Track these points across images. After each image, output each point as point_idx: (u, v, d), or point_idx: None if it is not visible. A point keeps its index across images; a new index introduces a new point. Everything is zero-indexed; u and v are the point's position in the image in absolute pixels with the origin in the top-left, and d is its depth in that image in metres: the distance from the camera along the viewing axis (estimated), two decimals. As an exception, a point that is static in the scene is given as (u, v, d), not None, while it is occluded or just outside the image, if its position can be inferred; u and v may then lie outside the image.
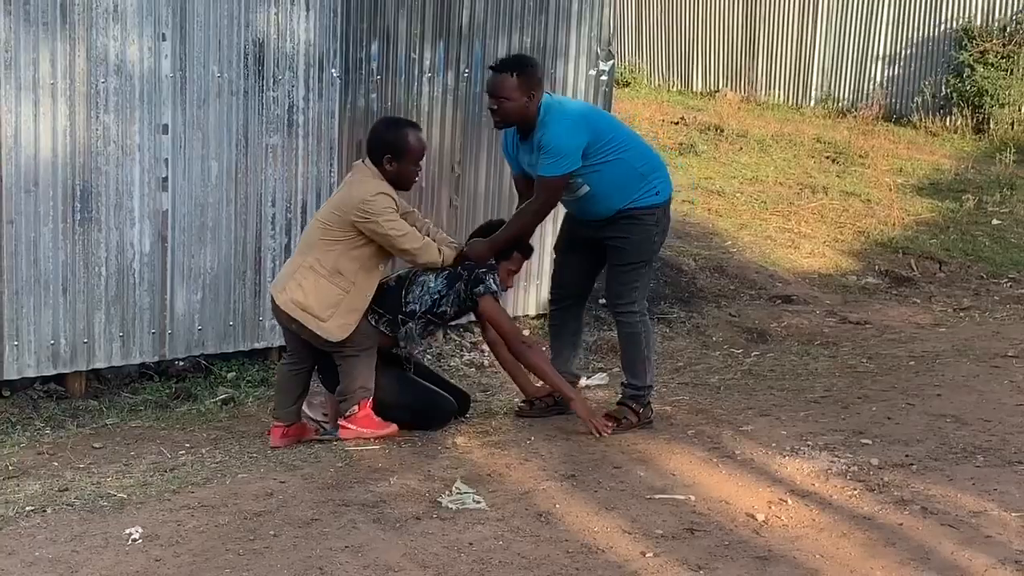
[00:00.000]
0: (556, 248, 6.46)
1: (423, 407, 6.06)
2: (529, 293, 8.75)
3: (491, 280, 5.95)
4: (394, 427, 5.89)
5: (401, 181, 5.82)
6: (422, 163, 5.90)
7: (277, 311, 5.86)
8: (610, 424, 5.98)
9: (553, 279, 6.46)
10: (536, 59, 6.21)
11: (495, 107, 5.76)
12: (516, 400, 6.57)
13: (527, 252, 6.26)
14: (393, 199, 5.74)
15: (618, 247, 6.01)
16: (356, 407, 5.82)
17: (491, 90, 5.76)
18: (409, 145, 5.78)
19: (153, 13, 6.73)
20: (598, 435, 5.88)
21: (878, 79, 18.36)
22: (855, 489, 5.28)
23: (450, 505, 4.98)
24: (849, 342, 8.56)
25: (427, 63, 7.89)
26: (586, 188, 5.88)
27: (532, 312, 8.79)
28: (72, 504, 4.98)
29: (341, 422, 5.87)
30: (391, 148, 5.74)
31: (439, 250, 5.88)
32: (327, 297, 5.69)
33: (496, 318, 6.01)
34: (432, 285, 5.93)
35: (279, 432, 5.96)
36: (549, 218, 6.41)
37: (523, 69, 5.72)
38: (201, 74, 6.95)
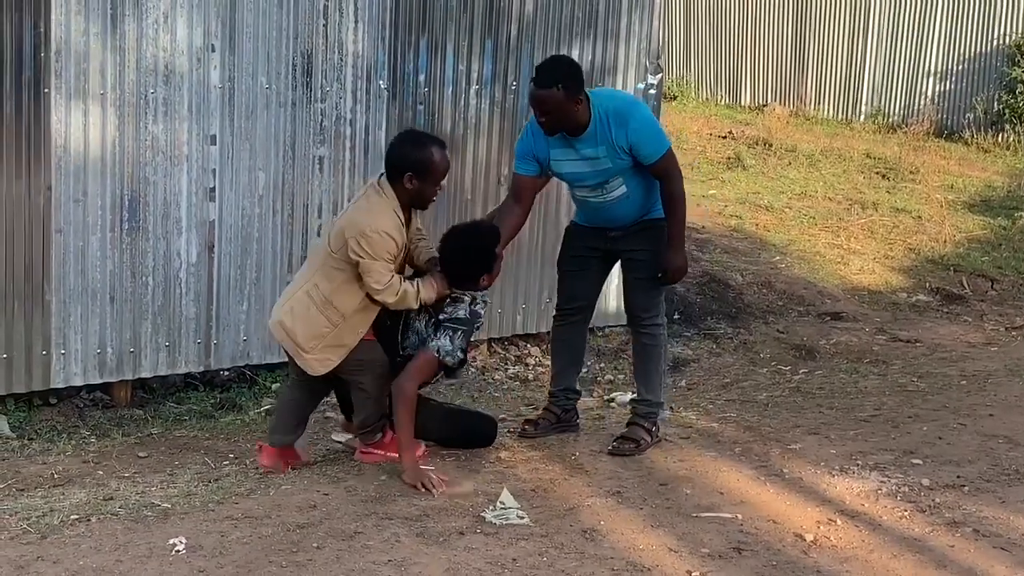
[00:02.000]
0: (561, 263, 6.22)
1: (466, 435, 5.95)
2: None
3: (452, 342, 5.45)
4: (423, 447, 5.68)
5: (420, 200, 5.45)
6: (444, 183, 5.53)
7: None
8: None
9: (561, 294, 6.25)
10: (574, 60, 6.01)
11: (543, 120, 5.62)
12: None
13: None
14: (396, 241, 5.32)
15: (642, 260, 5.87)
16: (380, 434, 5.63)
17: (538, 106, 5.59)
18: (434, 163, 5.39)
19: (203, 24, 6.76)
20: (425, 490, 5.28)
21: (929, 94, 18.19)
22: (905, 510, 5.20)
23: (494, 520, 4.94)
24: (899, 360, 8.46)
25: (475, 75, 7.88)
26: (624, 189, 5.75)
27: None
28: (117, 513, 4.98)
29: (364, 449, 5.67)
30: (415, 166, 5.34)
31: (416, 296, 5.38)
32: (313, 328, 5.34)
33: (414, 373, 5.45)
34: (422, 329, 5.57)
35: (269, 454, 5.65)
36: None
37: (566, 80, 5.54)
38: (250, 85, 6.97)
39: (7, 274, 6.42)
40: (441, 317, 5.48)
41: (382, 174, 5.42)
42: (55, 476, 5.84)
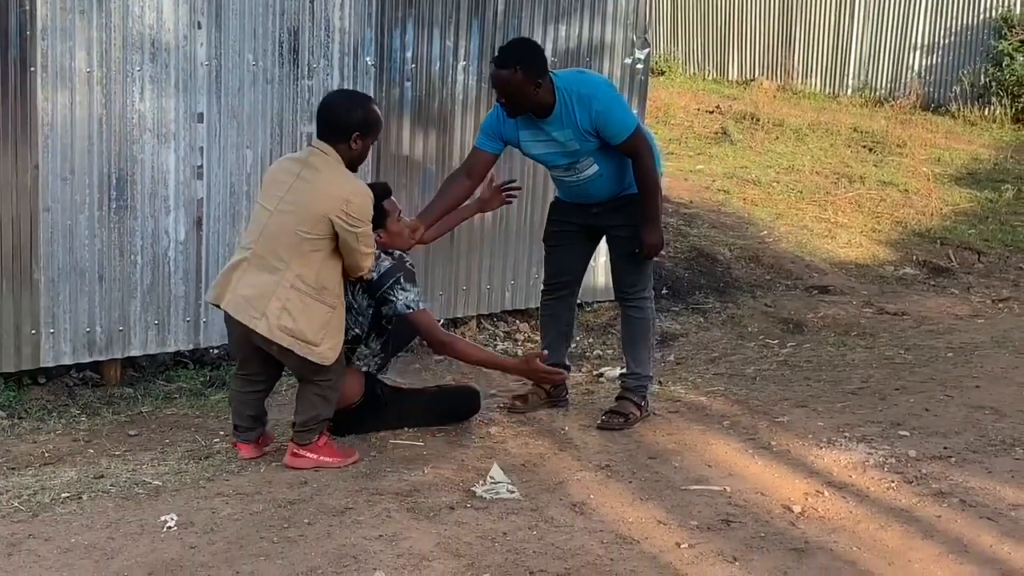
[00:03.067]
0: (546, 239, 6.27)
1: (451, 411, 5.99)
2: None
3: (406, 291, 5.45)
4: (357, 455, 5.40)
5: (359, 160, 5.32)
6: None
7: (251, 335, 5.18)
8: (623, 415, 5.94)
9: (547, 269, 6.32)
10: (534, 41, 5.91)
11: (503, 101, 5.63)
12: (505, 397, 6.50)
13: (388, 192, 5.74)
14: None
15: (625, 236, 5.90)
16: (316, 436, 5.33)
17: (498, 88, 5.59)
18: (378, 120, 5.29)
19: (188, 1, 6.73)
20: (554, 383, 5.96)
21: (916, 68, 18.21)
22: (892, 481, 5.24)
23: (484, 495, 4.97)
24: (886, 333, 8.49)
25: (462, 51, 7.87)
26: (596, 168, 5.76)
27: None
28: (108, 491, 5.00)
29: (295, 450, 5.30)
30: (361, 124, 5.20)
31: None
32: (317, 318, 5.12)
33: (432, 330, 5.60)
34: (363, 306, 5.55)
35: (250, 447, 5.52)
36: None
37: (524, 62, 5.52)
38: (236, 62, 6.95)
39: (-5, 253, 6.42)
40: (373, 276, 5.42)
41: (310, 144, 5.22)
42: (45, 455, 5.85)
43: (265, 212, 5.24)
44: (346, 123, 5.19)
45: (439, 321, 5.73)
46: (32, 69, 6.34)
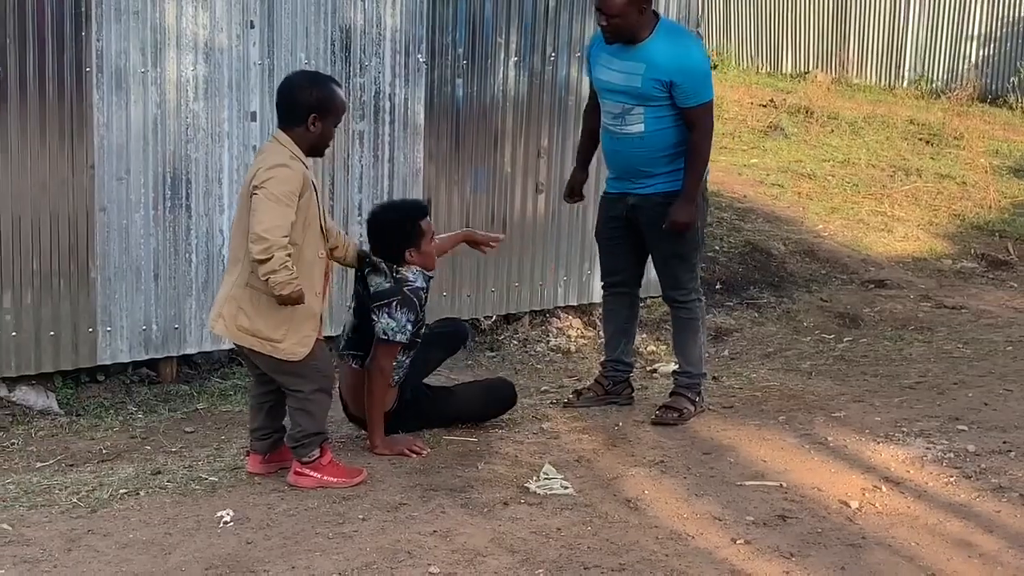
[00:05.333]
0: (597, 235, 6.23)
1: (487, 400, 5.91)
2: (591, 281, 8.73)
3: (392, 318, 5.28)
4: (364, 473, 5.12)
5: (323, 143, 4.98)
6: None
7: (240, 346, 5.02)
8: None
9: (602, 266, 6.26)
10: None
11: (605, 24, 5.56)
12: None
13: (425, 212, 5.63)
14: (298, 177, 4.80)
15: (662, 237, 5.79)
16: (318, 451, 5.03)
17: (601, 7, 5.54)
18: (337, 100, 4.96)
19: (241, 1, 6.78)
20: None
21: (973, 59, 17.98)
22: (951, 476, 5.18)
23: (538, 490, 4.96)
24: (944, 327, 8.40)
25: (513, 47, 7.86)
26: (640, 128, 5.66)
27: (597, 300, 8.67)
28: (165, 487, 5.04)
29: (299, 469, 5.03)
30: (318, 105, 4.87)
31: (287, 269, 4.69)
32: (276, 313, 4.81)
33: (380, 360, 5.34)
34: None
35: (258, 460, 5.22)
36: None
37: None
38: (289, 61, 6.98)
39: (53, 253, 6.48)
40: (372, 289, 5.35)
41: (272, 137, 4.99)
42: (103, 451, 5.91)
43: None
44: (301, 104, 4.87)
45: (491, 316, 5.63)
46: (87, 70, 6.40)
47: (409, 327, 5.30)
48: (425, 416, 5.72)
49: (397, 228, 5.37)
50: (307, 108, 4.87)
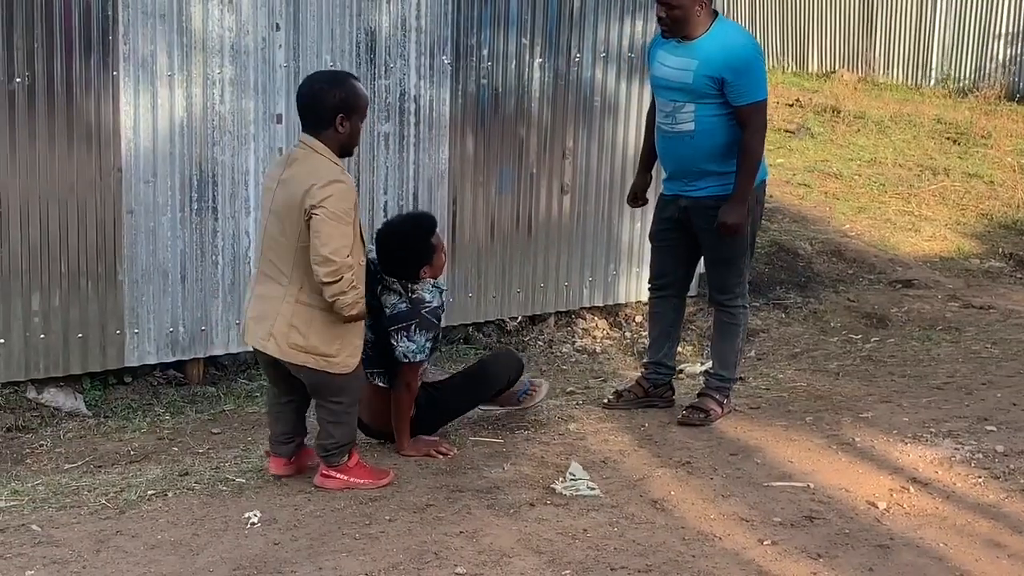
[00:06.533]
0: (651, 236, 6.21)
1: (493, 375, 5.75)
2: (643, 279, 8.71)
3: (410, 340, 5.25)
4: (391, 474, 5.12)
5: (352, 142, 4.89)
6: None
7: (260, 354, 4.99)
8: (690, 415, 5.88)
9: (651, 268, 6.23)
10: None
11: (664, 16, 5.54)
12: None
13: (435, 226, 5.50)
14: (353, 192, 4.79)
15: (713, 241, 5.76)
16: (347, 457, 5.04)
17: (664, 1, 5.52)
18: (361, 95, 4.88)
19: (267, 4, 6.80)
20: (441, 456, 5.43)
21: (1000, 58, 17.85)
22: (979, 476, 5.15)
23: (564, 491, 4.96)
24: (972, 327, 8.35)
25: (538, 48, 7.86)
26: (692, 125, 5.62)
27: (623, 300, 8.70)
28: (192, 488, 5.06)
29: (326, 471, 5.03)
30: (344, 104, 4.79)
31: (356, 289, 4.72)
32: (329, 328, 4.78)
33: (406, 385, 5.33)
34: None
35: (282, 463, 5.18)
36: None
37: None
38: (314, 64, 7.00)
39: (80, 255, 6.52)
40: (387, 311, 5.28)
41: (299, 142, 4.90)
42: (131, 452, 5.94)
43: (261, 227, 5.01)
44: (326, 106, 4.79)
45: (516, 317, 5.57)
46: (115, 73, 6.44)
47: (428, 346, 5.29)
48: (444, 412, 5.67)
49: (411, 249, 5.29)
50: (333, 109, 4.78)
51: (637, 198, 6.23)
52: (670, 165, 5.86)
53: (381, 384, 5.38)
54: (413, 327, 5.22)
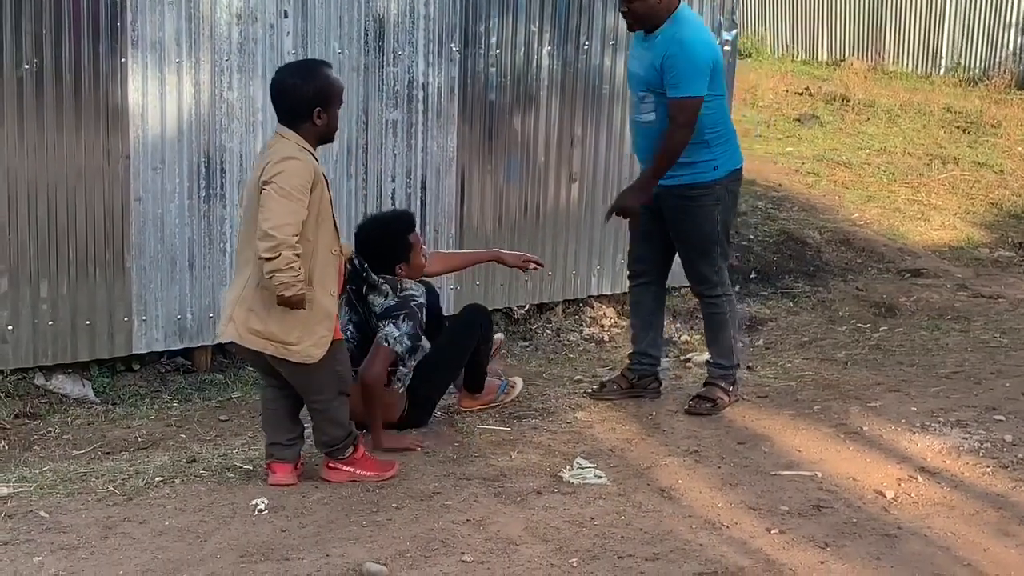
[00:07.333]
0: (629, 224, 6.16)
1: (463, 331, 5.72)
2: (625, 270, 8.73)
3: (397, 328, 5.33)
4: (397, 466, 5.09)
5: (331, 132, 4.83)
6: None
7: (239, 347, 4.90)
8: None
9: (629, 255, 6.23)
10: None
11: (626, 10, 5.60)
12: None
13: (413, 224, 5.62)
14: (309, 169, 4.63)
15: (683, 231, 5.78)
16: (351, 449, 5.00)
17: None
18: (335, 84, 4.80)
19: (275, -10, 6.80)
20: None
21: (1011, 47, 17.79)
22: (988, 466, 5.14)
23: (571, 480, 4.96)
24: (981, 316, 8.33)
25: (547, 36, 7.84)
26: (652, 116, 5.62)
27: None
28: (200, 475, 5.07)
29: (331, 464, 5.00)
30: (320, 96, 4.71)
31: (293, 269, 4.51)
32: (289, 315, 4.64)
33: (375, 364, 5.30)
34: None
35: (288, 469, 5.01)
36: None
37: None
38: (322, 51, 6.98)
39: (88, 242, 6.52)
40: (376, 310, 5.39)
41: (273, 134, 4.85)
42: (139, 439, 5.95)
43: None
44: (301, 100, 4.70)
45: (524, 305, 5.59)
46: (123, 60, 6.43)
47: (407, 340, 5.32)
48: (431, 381, 5.63)
49: (386, 244, 5.38)
50: (308, 103, 4.70)
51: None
52: (641, 154, 5.89)
53: None
54: (402, 316, 5.32)
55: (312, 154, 4.74)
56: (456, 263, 6.22)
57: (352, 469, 4.99)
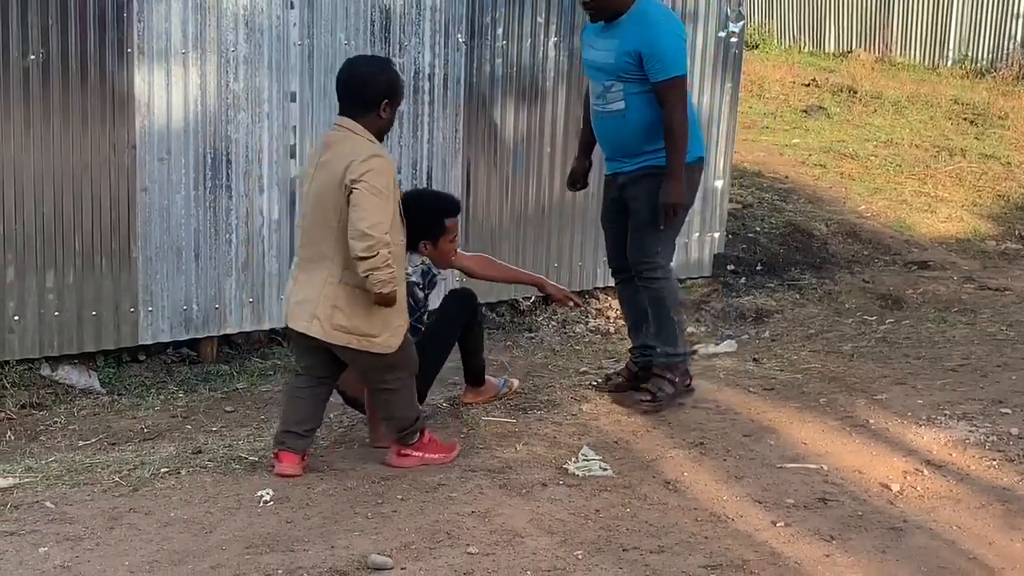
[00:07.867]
0: (601, 219, 6.14)
1: (451, 316, 5.68)
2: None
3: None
4: (458, 447, 5.19)
5: (388, 128, 4.92)
6: None
7: (311, 341, 4.84)
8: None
9: (607, 251, 6.15)
10: None
11: (587, 0, 5.55)
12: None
13: (456, 211, 5.52)
14: (392, 168, 4.79)
15: (637, 208, 5.69)
16: (419, 434, 5.06)
17: None
18: (402, 83, 4.96)
19: (281, -19, 6.79)
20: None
21: (1018, 38, 17.74)
22: (994, 459, 5.13)
23: (576, 472, 4.96)
24: (988, 309, 8.31)
25: (553, 27, 7.83)
26: (621, 105, 5.59)
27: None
28: (205, 466, 5.07)
29: (401, 450, 5.05)
30: (390, 89, 4.81)
31: (389, 267, 4.63)
32: (372, 309, 4.73)
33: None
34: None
35: (295, 460, 4.97)
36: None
37: None
38: (328, 42, 6.99)
39: (94, 232, 6.53)
40: (416, 279, 5.46)
41: (336, 125, 4.87)
42: (145, 430, 5.95)
43: (301, 214, 5.04)
44: (373, 91, 4.76)
45: (530, 297, 5.59)
46: (129, 51, 6.43)
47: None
48: (423, 366, 5.46)
49: (422, 216, 5.28)
50: (379, 95, 4.77)
51: (576, 182, 6.20)
52: (606, 145, 5.84)
53: None
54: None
55: (383, 147, 4.81)
56: (498, 274, 6.05)
57: (421, 454, 5.05)
